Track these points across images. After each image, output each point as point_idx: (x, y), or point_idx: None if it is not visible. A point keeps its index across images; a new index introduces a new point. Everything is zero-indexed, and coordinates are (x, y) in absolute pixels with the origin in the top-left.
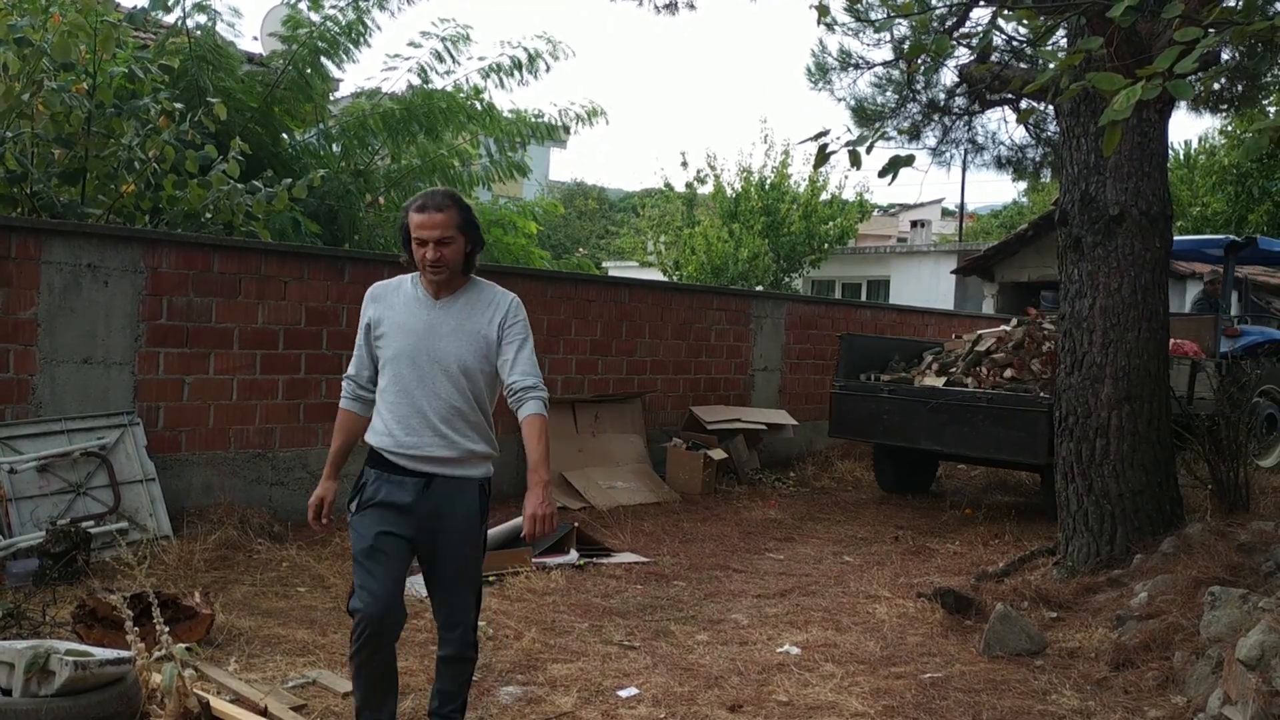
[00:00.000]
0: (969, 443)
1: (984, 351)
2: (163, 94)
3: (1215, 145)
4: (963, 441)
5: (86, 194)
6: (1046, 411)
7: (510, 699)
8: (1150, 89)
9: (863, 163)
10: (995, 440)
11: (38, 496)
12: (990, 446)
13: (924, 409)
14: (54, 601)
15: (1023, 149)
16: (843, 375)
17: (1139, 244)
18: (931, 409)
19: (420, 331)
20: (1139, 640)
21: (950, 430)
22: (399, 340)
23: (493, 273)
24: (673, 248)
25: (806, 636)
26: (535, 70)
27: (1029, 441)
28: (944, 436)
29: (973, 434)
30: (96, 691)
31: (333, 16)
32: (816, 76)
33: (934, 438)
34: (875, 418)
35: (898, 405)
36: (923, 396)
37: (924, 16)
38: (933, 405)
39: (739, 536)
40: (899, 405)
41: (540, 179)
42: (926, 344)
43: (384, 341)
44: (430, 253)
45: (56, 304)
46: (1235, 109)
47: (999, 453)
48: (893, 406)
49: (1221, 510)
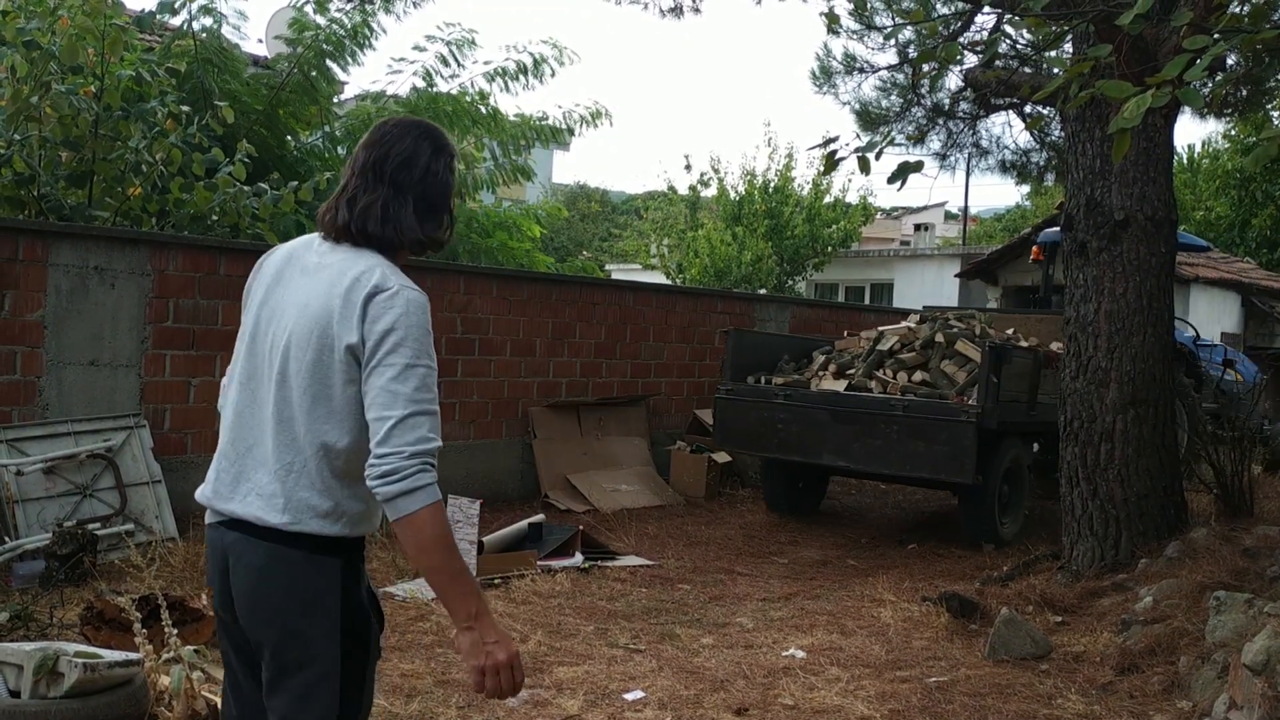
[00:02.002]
0: (881, 458)
1: (887, 351)
2: (170, 97)
3: (1218, 150)
4: (874, 457)
5: (94, 196)
6: (974, 422)
7: (516, 701)
8: (1160, 96)
9: (871, 168)
10: (913, 456)
11: (44, 498)
12: (907, 463)
13: (827, 418)
14: (61, 603)
15: (1027, 153)
16: (729, 377)
17: (1144, 249)
18: (836, 418)
19: None
20: (1144, 645)
21: (859, 444)
22: None
23: (497, 276)
24: (676, 250)
25: (811, 640)
26: (540, 74)
27: (953, 457)
28: (851, 451)
29: (886, 448)
30: (105, 693)
31: (338, 20)
32: (821, 80)
33: (839, 452)
34: (768, 427)
35: (795, 413)
36: (827, 403)
37: (934, 24)
38: (837, 414)
39: (743, 540)
40: (797, 413)
41: (543, 181)
42: (816, 342)
43: None
44: None
45: (63, 306)
46: (1239, 114)
47: (917, 470)
48: (789, 415)
49: (1226, 515)
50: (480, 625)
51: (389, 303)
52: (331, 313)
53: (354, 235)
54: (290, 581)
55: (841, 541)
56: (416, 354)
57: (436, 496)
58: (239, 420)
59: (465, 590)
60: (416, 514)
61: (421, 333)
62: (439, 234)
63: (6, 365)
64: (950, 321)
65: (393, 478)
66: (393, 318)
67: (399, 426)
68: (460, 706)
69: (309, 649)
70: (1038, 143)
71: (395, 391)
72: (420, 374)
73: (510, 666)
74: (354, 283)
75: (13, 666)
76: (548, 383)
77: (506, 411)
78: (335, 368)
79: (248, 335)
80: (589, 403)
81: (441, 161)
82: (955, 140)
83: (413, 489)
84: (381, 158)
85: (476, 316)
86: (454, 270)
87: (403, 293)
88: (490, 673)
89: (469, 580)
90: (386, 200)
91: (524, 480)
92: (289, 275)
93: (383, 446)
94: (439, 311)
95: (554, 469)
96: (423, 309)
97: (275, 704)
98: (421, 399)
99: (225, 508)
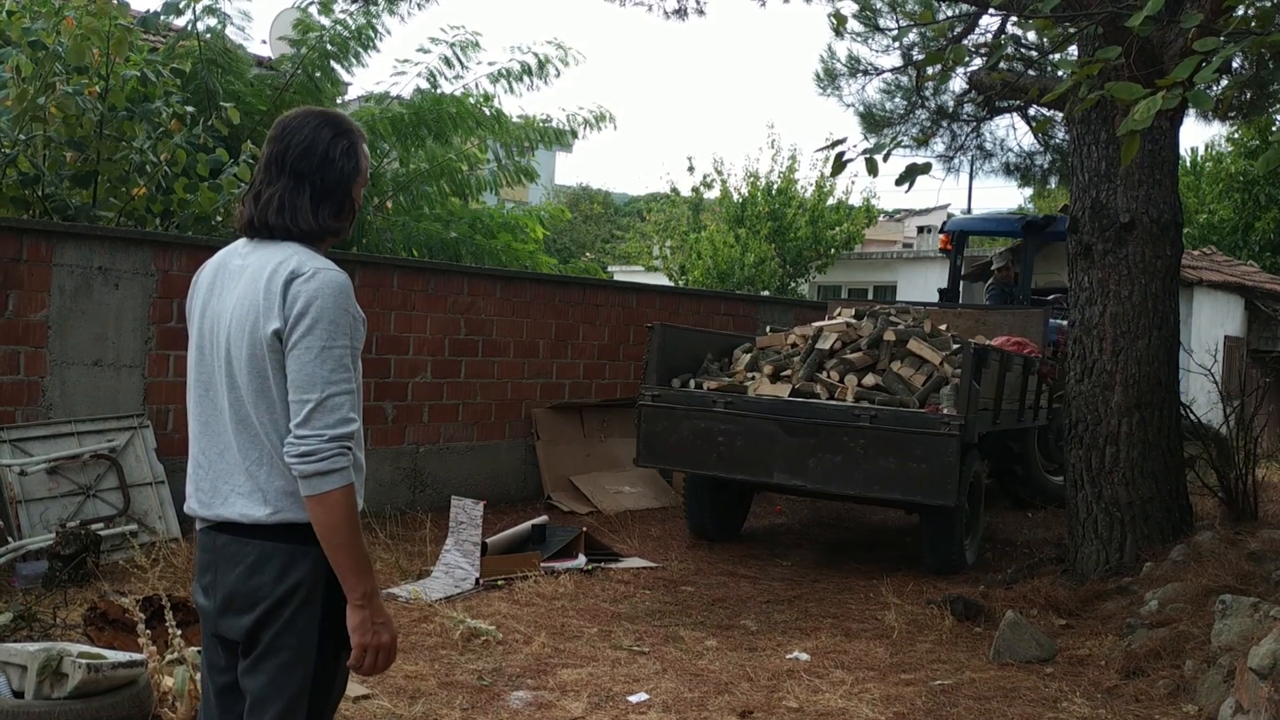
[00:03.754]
0: (842, 477)
1: (828, 351)
2: (174, 98)
3: (1222, 153)
4: (833, 475)
5: (98, 197)
6: (957, 435)
7: (520, 703)
8: (1171, 99)
9: (879, 170)
10: (882, 474)
11: (47, 499)
12: (874, 482)
13: (777, 430)
14: (64, 604)
15: (1031, 156)
16: (654, 380)
17: (1149, 251)
18: (788, 430)
19: None
20: (1149, 648)
21: (816, 460)
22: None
23: (501, 277)
24: (679, 252)
25: (816, 643)
26: (545, 76)
27: (931, 476)
28: (806, 468)
29: (848, 465)
30: (109, 694)
31: (342, 21)
32: (825, 82)
33: (792, 469)
34: (706, 441)
35: (739, 424)
36: (777, 413)
37: (940, 25)
38: (790, 425)
39: (746, 542)
40: (741, 425)
41: (546, 183)
42: (738, 339)
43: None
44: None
45: (67, 306)
46: (1244, 117)
47: (887, 491)
48: (732, 426)
49: (1231, 518)
50: (372, 606)
51: (305, 285)
52: (258, 306)
53: (258, 229)
54: (280, 571)
55: (844, 543)
56: (333, 335)
57: (350, 479)
58: (205, 430)
59: (363, 571)
60: (330, 494)
61: (339, 313)
62: (335, 223)
63: (10, 365)
64: (892, 316)
65: (311, 458)
66: (308, 299)
67: (319, 409)
68: (464, 708)
69: (288, 635)
70: (1042, 145)
71: (313, 373)
72: (337, 355)
73: (390, 648)
74: (273, 272)
75: (17, 667)
76: (551, 384)
77: (510, 413)
78: (268, 358)
79: (194, 348)
80: (592, 404)
81: (339, 146)
82: (959, 142)
83: (329, 470)
84: (283, 150)
85: (480, 318)
86: (457, 271)
87: (320, 274)
88: (372, 650)
89: (367, 562)
90: (284, 191)
91: (527, 482)
92: (220, 282)
93: (303, 428)
94: (443, 313)
95: (557, 470)
96: (340, 290)
97: (250, 684)
98: (338, 379)
99: (212, 514)
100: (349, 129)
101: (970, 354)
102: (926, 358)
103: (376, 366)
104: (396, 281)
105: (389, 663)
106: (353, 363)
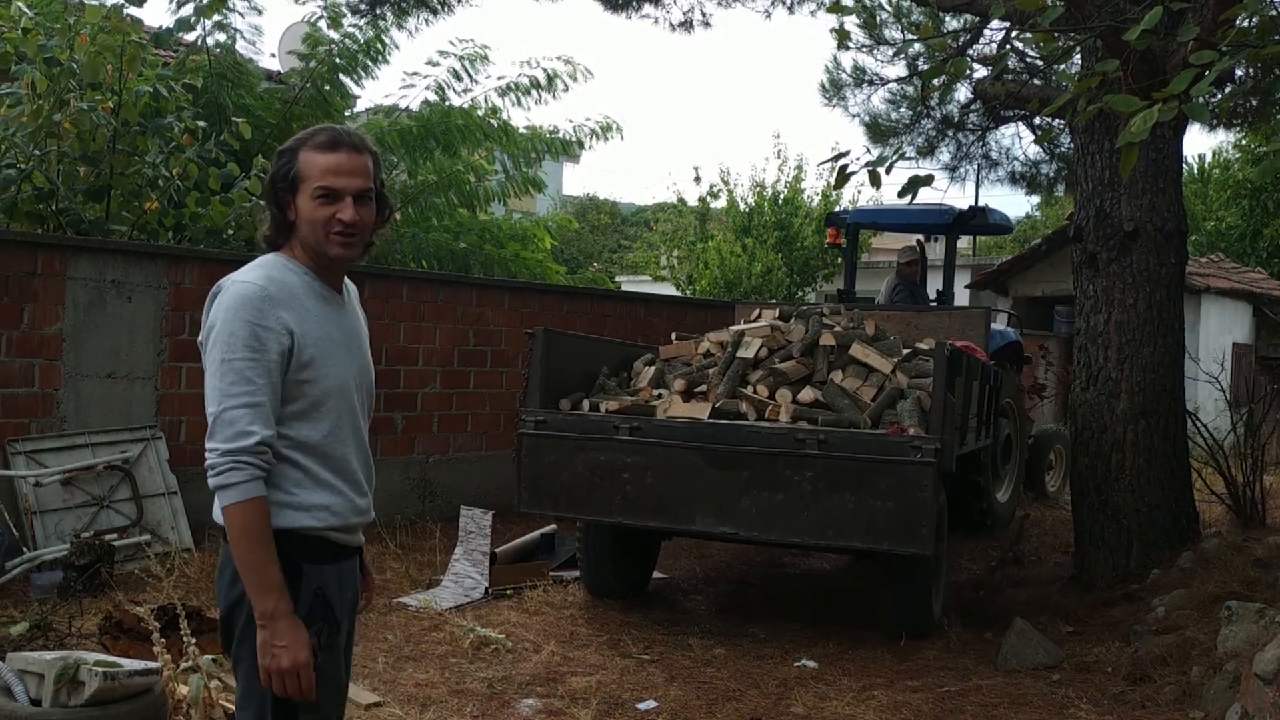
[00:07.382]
0: (785, 521)
1: (751, 360)
2: (186, 112)
3: (1229, 160)
4: (774, 519)
5: (111, 211)
6: (933, 463)
7: (530, 711)
8: (1167, 111)
9: (882, 182)
10: (836, 516)
11: (62, 509)
12: (827, 527)
13: (700, 463)
14: (80, 613)
15: (1036, 164)
16: (537, 402)
17: (1154, 260)
18: (713, 463)
19: (345, 345)
20: (1156, 654)
21: (751, 500)
22: (335, 363)
23: (509, 288)
24: (686, 262)
25: (823, 650)
26: (554, 90)
27: (900, 516)
28: (739, 511)
29: (792, 506)
30: (125, 702)
31: (351, 34)
32: (830, 93)
33: (720, 513)
34: (608, 479)
35: (651, 457)
36: (699, 441)
37: (943, 39)
38: (715, 456)
39: (754, 550)
40: (653, 457)
41: (553, 193)
42: (639, 349)
43: (316, 370)
44: (348, 213)
45: (81, 319)
46: (1249, 125)
47: (844, 537)
48: (642, 459)
49: (1237, 524)
50: (273, 627)
51: (216, 299)
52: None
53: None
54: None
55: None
56: (230, 346)
57: (248, 494)
58: None
59: (264, 589)
60: (227, 509)
61: (238, 324)
62: (271, 234)
63: (25, 378)
64: (825, 318)
65: (210, 472)
66: (214, 314)
67: (216, 423)
68: (474, 715)
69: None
70: (1047, 154)
71: (213, 387)
72: (237, 367)
73: (295, 674)
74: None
75: (34, 675)
76: None
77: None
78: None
79: None
80: None
81: (280, 160)
82: (965, 152)
83: (223, 485)
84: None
85: (489, 328)
86: (465, 283)
87: (229, 287)
88: (275, 674)
89: (272, 579)
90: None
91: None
92: None
93: (209, 441)
94: (452, 323)
95: None
96: (241, 301)
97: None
98: (237, 392)
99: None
100: (292, 142)
101: (944, 358)
102: (875, 366)
103: (386, 377)
104: (406, 293)
105: (300, 690)
106: (268, 374)
